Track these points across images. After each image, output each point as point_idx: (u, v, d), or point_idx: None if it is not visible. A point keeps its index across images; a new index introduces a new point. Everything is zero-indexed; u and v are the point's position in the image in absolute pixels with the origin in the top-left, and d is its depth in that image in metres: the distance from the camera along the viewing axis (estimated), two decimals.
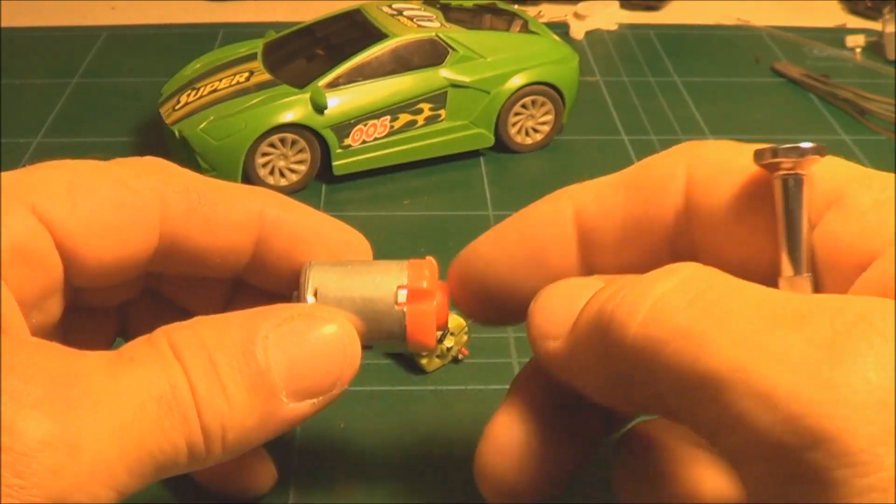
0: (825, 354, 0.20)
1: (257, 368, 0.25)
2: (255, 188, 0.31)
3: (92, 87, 0.66)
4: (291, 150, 0.53)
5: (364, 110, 0.54)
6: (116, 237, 0.28)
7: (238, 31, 0.72)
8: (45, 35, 0.74)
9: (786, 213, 0.26)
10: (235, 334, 0.26)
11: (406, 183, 0.56)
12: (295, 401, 0.26)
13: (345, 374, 0.27)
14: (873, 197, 0.25)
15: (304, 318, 0.27)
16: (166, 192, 0.29)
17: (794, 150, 0.25)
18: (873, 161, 0.58)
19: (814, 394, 0.20)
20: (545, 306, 0.27)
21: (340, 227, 0.32)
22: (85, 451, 0.22)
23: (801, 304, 0.22)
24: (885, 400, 0.20)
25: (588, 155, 0.59)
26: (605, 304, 0.25)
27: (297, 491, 0.36)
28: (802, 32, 0.75)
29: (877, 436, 0.19)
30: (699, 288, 0.23)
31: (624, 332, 0.24)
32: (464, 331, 0.41)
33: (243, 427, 0.25)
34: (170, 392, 0.24)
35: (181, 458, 0.24)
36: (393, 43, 0.55)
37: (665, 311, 0.23)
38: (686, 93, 0.67)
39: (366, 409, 0.39)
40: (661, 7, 0.81)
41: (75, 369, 0.24)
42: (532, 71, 0.57)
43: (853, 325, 0.21)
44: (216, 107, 0.53)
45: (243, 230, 0.30)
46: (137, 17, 0.77)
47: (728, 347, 0.21)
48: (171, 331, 0.26)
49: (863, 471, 0.19)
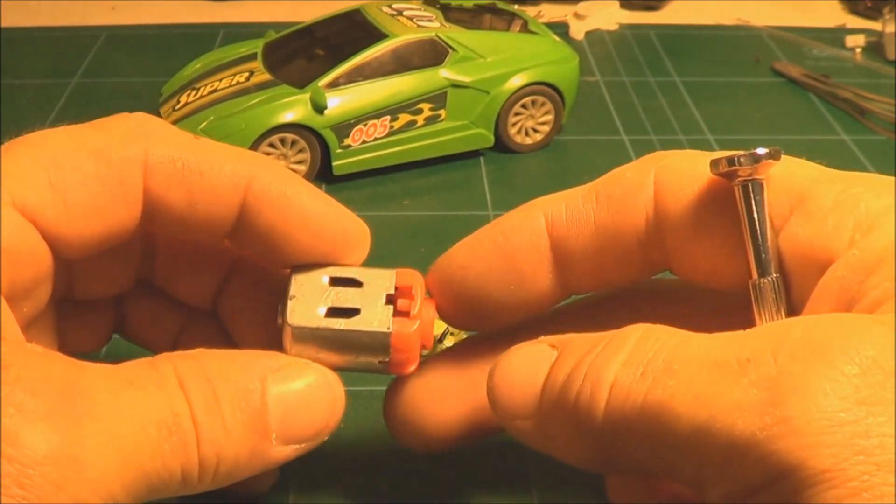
0: (772, 394, 0.21)
1: (255, 407, 0.26)
2: (247, 152, 0.30)
3: (92, 87, 0.66)
4: (291, 150, 0.54)
5: (364, 110, 0.54)
6: (100, 215, 0.28)
7: (238, 31, 0.72)
8: (45, 35, 0.74)
9: (748, 219, 0.26)
10: (237, 371, 0.27)
11: (406, 183, 0.56)
12: (282, 444, 0.27)
13: (329, 423, 0.29)
14: (833, 198, 0.26)
15: (297, 367, 0.28)
16: (149, 160, 0.28)
17: (749, 157, 0.26)
18: (873, 161, 0.58)
19: (770, 434, 0.21)
20: (504, 384, 0.28)
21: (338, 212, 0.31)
22: (87, 466, 0.23)
23: (741, 347, 0.23)
24: (839, 420, 0.21)
25: (588, 155, 0.59)
26: (567, 389, 0.25)
27: (298, 491, 0.36)
28: (802, 32, 0.75)
29: (839, 454, 0.20)
30: (646, 357, 0.24)
31: (592, 421, 0.25)
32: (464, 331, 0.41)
33: (235, 461, 0.26)
34: (171, 418, 0.25)
35: (174, 482, 0.25)
36: (393, 43, 0.55)
37: (622, 391, 0.24)
38: (686, 93, 0.67)
39: (366, 409, 0.39)
40: (661, 7, 0.81)
41: (80, 383, 0.24)
42: (532, 71, 0.57)
43: (794, 357, 0.22)
44: (216, 107, 0.53)
45: (229, 198, 0.29)
46: (137, 17, 0.77)
47: (686, 411, 0.22)
48: (175, 359, 0.26)
49: (831, 485, 0.20)
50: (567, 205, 0.29)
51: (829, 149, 0.60)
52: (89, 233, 0.28)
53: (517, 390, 0.27)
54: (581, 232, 0.29)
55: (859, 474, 0.20)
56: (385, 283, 0.30)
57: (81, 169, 0.27)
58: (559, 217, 0.29)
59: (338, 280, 0.30)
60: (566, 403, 0.25)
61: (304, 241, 0.30)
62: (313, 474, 0.36)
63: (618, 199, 0.28)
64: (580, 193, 0.29)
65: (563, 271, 0.30)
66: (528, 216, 0.30)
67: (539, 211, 0.29)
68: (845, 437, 0.20)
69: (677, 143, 0.60)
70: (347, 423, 0.39)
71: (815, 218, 0.25)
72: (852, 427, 0.20)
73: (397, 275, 0.30)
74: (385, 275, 0.30)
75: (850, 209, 0.25)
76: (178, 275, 0.33)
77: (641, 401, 0.23)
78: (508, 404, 0.27)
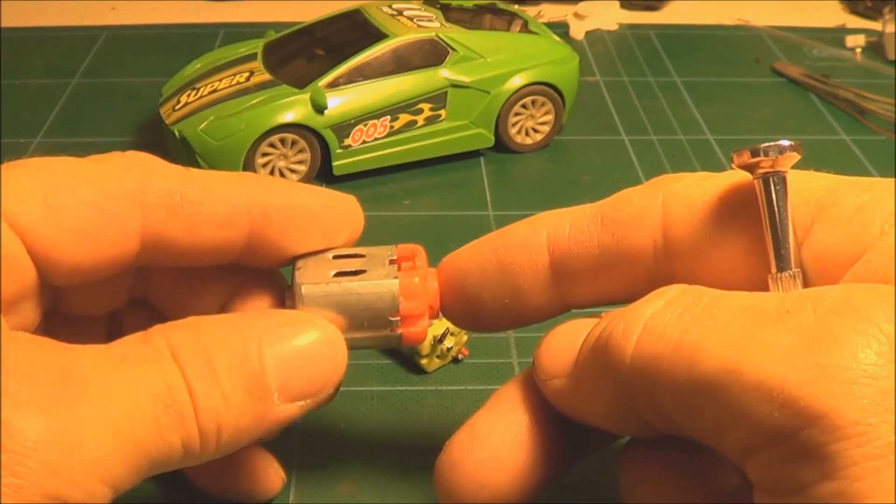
0: (810, 342, 0.21)
1: (253, 370, 0.26)
2: (242, 175, 0.30)
3: (92, 87, 0.66)
4: (291, 150, 0.53)
5: (364, 110, 0.54)
6: (94, 242, 0.27)
7: (238, 31, 0.72)
8: (45, 35, 0.74)
9: (769, 211, 0.26)
10: (233, 336, 0.26)
11: (406, 183, 0.56)
12: (285, 402, 0.27)
13: (332, 379, 0.28)
14: (855, 202, 0.26)
15: (296, 324, 0.28)
16: (146, 195, 0.28)
17: (773, 149, 0.26)
18: (873, 161, 0.58)
19: (803, 378, 0.21)
20: (549, 349, 0.28)
21: (331, 198, 0.31)
22: (82, 448, 0.23)
23: (782, 301, 0.23)
24: (874, 374, 0.20)
25: (588, 155, 0.59)
26: (602, 333, 0.26)
27: (298, 491, 0.36)
28: (802, 32, 0.75)
29: (869, 407, 0.20)
30: (686, 303, 0.24)
31: (622, 357, 0.25)
32: (464, 331, 0.41)
33: (237, 427, 0.26)
34: (166, 391, 0.24)
35: (175, 455, 0.25)
36: (393, 43, 0.55)
37: (656, 328, 0.24)
38: (686, 93, 0.67)
39: (366, 409, 0.39)
40: (661, 7, 0.81)
41: (69, 365, 0.24)
42: (532, 71, 0.57)
43: (833, 311, 0.22)
44: (216, 107, 0.53)
45: (232, 226, 0.29)
46: (137, 17, 0.77)
47: (718, 351, 0.22)
48: (167, 330, 0.26)
49: (858, 441, 0.20)
50: (571, 224, 0.29)
51: (829, 149, 0.60)
52: (80, 258, 0.27)
53: (560, 350, 0.28)
54: (583, 253, 0.29)
55: (887, 433, 0.20)
56: (386, 253, 0.31)
57: (78, 195, 0.27)
58: (562, 236, 0.29)
59: (341, 255, 0.31)
60: (598, 347, 0.26)
61: (313, 237, 0.30)
62: (314, 474, 0.36)
63: (624, 224, 0.28)
64: (586, 215, 0.29)
65: (563, 288, 0.30)
66: (530, 232, 0.30)
67: (543, 228, 0.29)
68: (878, 392, 0.20)
69: (677, 143, 0.60)
70: (348, 422, 0.39)
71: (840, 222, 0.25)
72: (886, 382, 0.20)
73: (398, 248, 0.31)
74: (386, 248, 0.31)
75: (875, 209, 0.25)
76: (176, 298, 0.33)
77: (677, 339, 0.23)
78: (548, 363, 0.28)
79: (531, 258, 0.29)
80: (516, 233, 0.30)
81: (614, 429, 0.27)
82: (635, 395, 0.25)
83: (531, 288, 0.30)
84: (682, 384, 0.23)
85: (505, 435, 0.29)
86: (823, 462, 0.20)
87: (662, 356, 0.23)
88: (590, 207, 0.29)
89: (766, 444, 0.21)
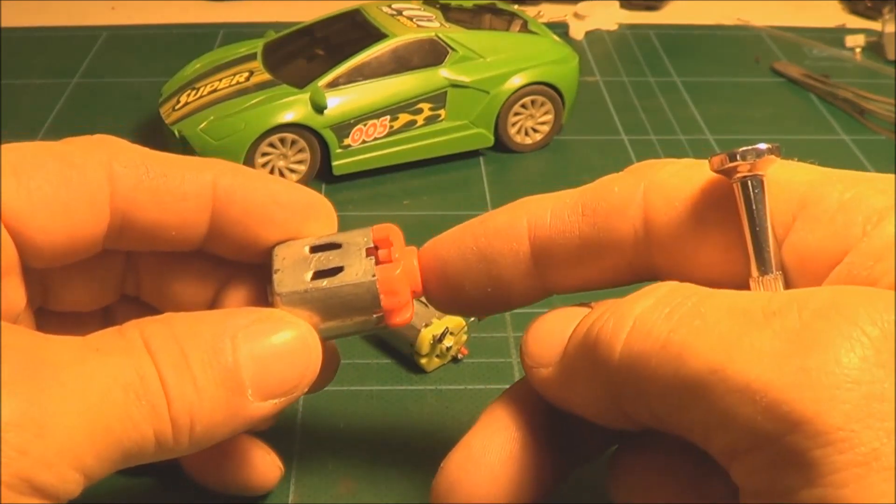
0: (795, 345, 0.21)
1: (227, 364, 0.26)
2: (208, 159, 0.31)
3: (92, 87, 0.66)
4: (291, 150, 0.54)
5: (364, 110, 0.54)
6: (65, 214, 0.28)
7: (238, 31, 0.72)
8: (45, 35, 0.74)
9: (749, 216, 0.26)
10: (207, 330, 0.26)
11: (406, 183, 0.56)
12: (259, 400, 0.27)
13: (306, 378, 0.28)
14: (837, 199, 0.25)
15: (271, 322, 0.28)
16: (113, 166, 0.29)
17: (750, 153, 0.26)
18: (873, 161, 0.58)
19: (787, 381, 0.21)
20: (536, 336, 0.28)
21: (299, 190, 0.31)
22: (52, 431, 0.23)
23: (769, 302, 0.23)
24: (857, 378, 0.20)
25: (588, 155, 0.59)
26: (591, 328, 0.26)
27: (298, 490, 0.36)
28: (802, 32, 0.75)
29: (852, 413, 0.20)
30: (675, 301, 0.24)
31: (610, 353, 0.25)
32: (463, 330, 0.41)
33: (211, 421, 0.26)
34: (138, 381, 0.24)
35: (148, 446, 0.25)
36: (393, 43, 0.55)
37: (645, 326, 0.24)
38: (686, 93, 0.67)
39: (366, 409, 0.39)
40: (661, 7, 0.81)
41: (43, 352, 0.24)
42: (532, 71, 0.57)
43: (819, 314, 0.22)
44: (216, 107, 0.53)
45: (196, 201, 0.30)
46: (137, 17, 0.77)
47: (705, 351, 0.22)
48: (142, 323, 0.26)
49: (840, 447, 0.20)
50: (552, 213, 0.29)
51: (829, 149, 0.60)
52: (53, 233, 0.28)
53: (548, 338, 0.28)
54: (564, 242, 0.29)
55: (870, 440, 0.20)
56: (363, 240, 0.31)
57: (47, 168, 0.28)
58: (543, 225, 0.29)
59: (318, 247, 0.31)
60: (588, 342, 0.26)
61: (277, 218, 0.30)
62: (314, 474, 0.36)
63: (605, 214, 0.28)
64: (567, 203, 0.29)
65: (544, 275, 0.30)
66: (511, 220, 0.30)
67: (524, 216, 0.29)
68: (861, 397, 0.20)
69: (677, 143, 0.60)
70: (347, 422, 0.39)
71: (822, 221, 0.25)
72: (869, 387, 0.20)
73: (373, 230, 0.31)
74: (361, 232, 0.31)
75: (857, 207, 0.25)
76: (166, 294, 0.33)
77: (665, 337, 0.23)
78: (535, 350, 0.28)
79: (512, 246, 0.29)
80: (497, 220, 0.30)
81: (601, 420, 0.27)
82: (623, 392, 0.25)
83: (512, 275, 0.30)
84: (670, 383, 0.23)
85: (500, 453, 0.29)
86: (807, 468, 0.20)
87: (650, 354, 0.23)
88: (570, 195, 0.29)
89: (751, 447, 0.21)
